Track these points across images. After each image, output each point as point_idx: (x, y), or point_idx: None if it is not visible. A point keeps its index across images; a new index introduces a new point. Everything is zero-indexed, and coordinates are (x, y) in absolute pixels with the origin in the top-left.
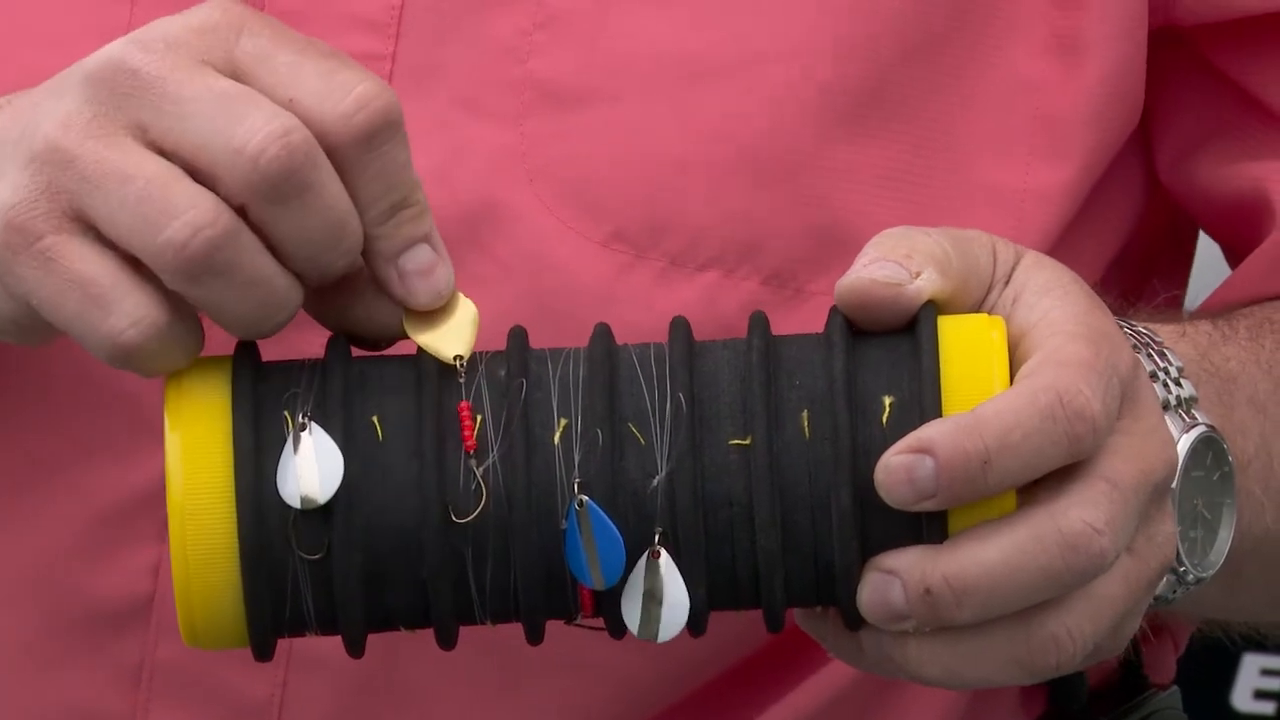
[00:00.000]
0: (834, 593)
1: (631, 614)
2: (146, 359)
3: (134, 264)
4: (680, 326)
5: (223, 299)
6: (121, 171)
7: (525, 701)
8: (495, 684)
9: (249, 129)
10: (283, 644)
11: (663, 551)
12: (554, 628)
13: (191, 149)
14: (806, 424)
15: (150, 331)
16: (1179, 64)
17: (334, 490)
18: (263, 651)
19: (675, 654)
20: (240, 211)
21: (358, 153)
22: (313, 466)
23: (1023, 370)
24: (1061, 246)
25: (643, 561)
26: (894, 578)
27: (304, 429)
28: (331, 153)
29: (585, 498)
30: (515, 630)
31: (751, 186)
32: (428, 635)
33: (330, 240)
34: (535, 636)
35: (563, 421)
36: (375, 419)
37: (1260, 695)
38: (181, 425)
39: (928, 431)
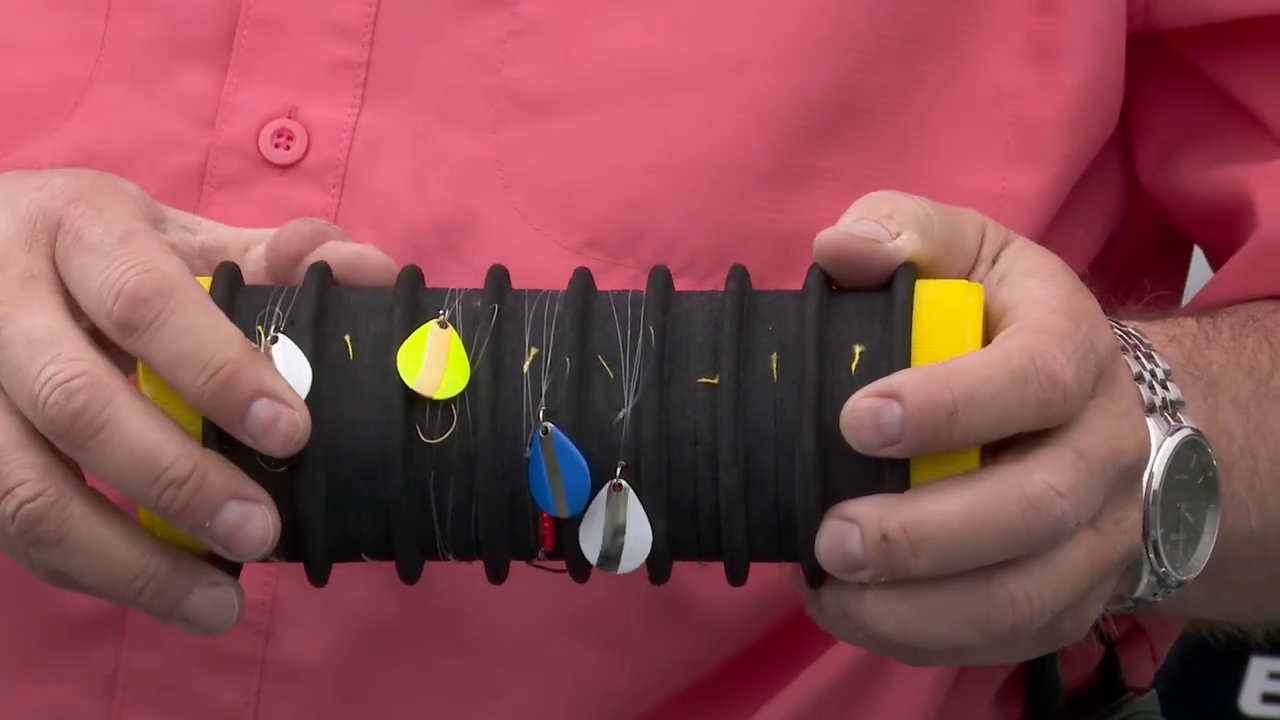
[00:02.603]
0: (795, 540)
1: (592, 546)
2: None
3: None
4: (660, 273)
5: (68, 567)
6: None
7: (501, 708)
8: (471, 691)
9: (39, 376)
10: (256, 652)
11: (624, 484)
12: (526, 622)
13: (11, 395)
14: (775, 366)
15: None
16: (1158, 67)
17: (308, 418)
18: (226, 568)
19: (653, 659)
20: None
21: (129, 343)
22: None
23: (1000, 335)
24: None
25: (604, 493)
26: (852, 525)
27: (274, 341)
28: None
29: (550, 425)
30: (491, 634)
31: (725, 194)
32: (401, 638)
33: (144, 472)
34: (496, 574)
35: (533, 351)
36: (347, 337)
37: (1268, 699)
38: None
39: (897, 378)
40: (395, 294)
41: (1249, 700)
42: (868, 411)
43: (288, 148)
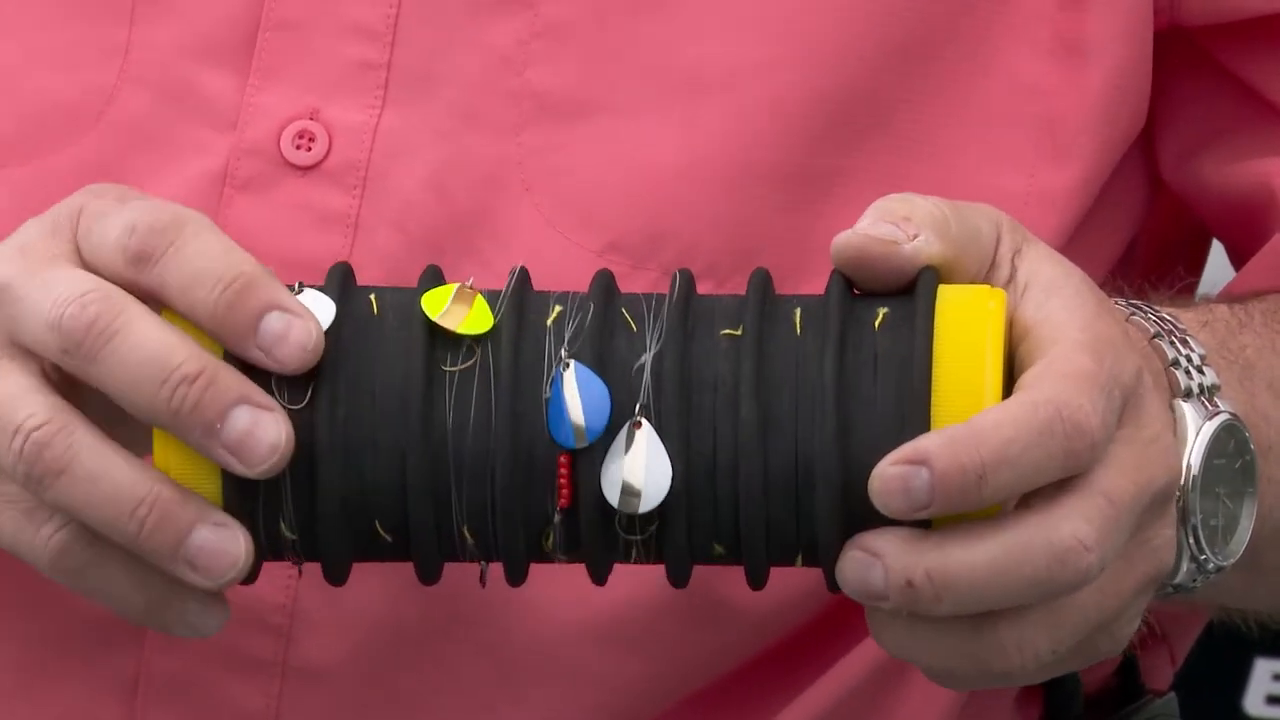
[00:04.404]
0: (813, 484)
1: (612, 486)
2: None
3: None
4: (684, 273)
5: (74, 496)
6: None
7: (522, 709)
8: (492, 693)
9: (54, 300)
10: (277, 655)
11: (644, 422)
12: (546, 627)
13: (28, 341)
14: (798, 320)
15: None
16: (1183, 63)
17: (323, 330)
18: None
19: (675, 660)
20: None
21: (146, 275)
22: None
23: (1024, 379)
24: (1068, 249)
25: (623, 432)
26: (876, 560)
27: (299, 292)
28: (134, 288)
29: (572, 361)
30: (512, 637)
31: (749, 197)
32: (422, 641)
33: (155, 373)
34: (511, 548)
35: (557, 308)
36: (372, 297)
37: (1272, 700)
38: None
39: (923, 443)
40: (420, 280)
41: (1253, 701)
42: (896, 479)
43: (309, 149)
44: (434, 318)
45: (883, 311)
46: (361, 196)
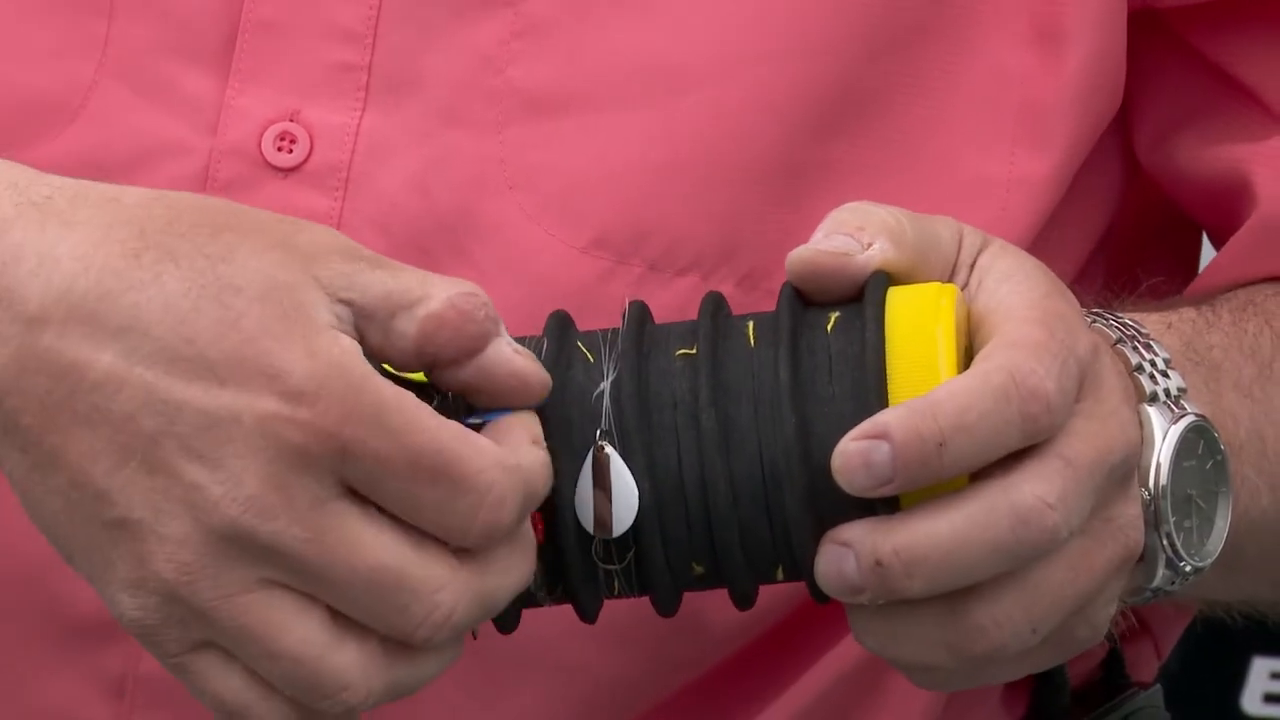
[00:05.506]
0: (780, 487)
1: (584, 512)
2: None
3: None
4: (636, 303)
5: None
6: (268, 646)
7: (509, 704)
8: (479, 687)
9: (415, 622)
10: None
11: (606, 446)
12: (535, 623)
13: (354, 616)
14: (752, 333)
15: None
16: (1157, 46)
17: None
18: None
19: (657, 653)
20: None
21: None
22: None
23: (978, 356)
24: (1045, 235)
25: (588, 461)
26: (848, 550)
27: None
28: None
29: None
30: (499, 635)
31: (732, 190)
32: None
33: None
34: (501, 615)
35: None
36: None
37: (1270, 699)
38: None
39: (882, 417)
40: None
41: (1251, 700)
42: (857, 454)
43: (290, 151)
44: (390, 368)
45: (835, 315)
46: (343, 198)
